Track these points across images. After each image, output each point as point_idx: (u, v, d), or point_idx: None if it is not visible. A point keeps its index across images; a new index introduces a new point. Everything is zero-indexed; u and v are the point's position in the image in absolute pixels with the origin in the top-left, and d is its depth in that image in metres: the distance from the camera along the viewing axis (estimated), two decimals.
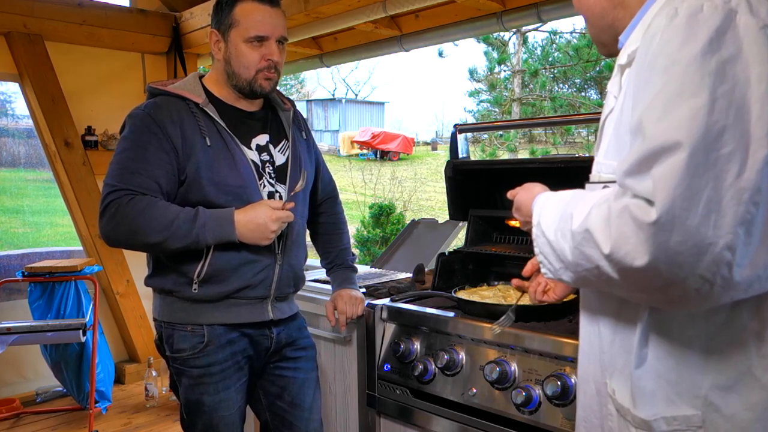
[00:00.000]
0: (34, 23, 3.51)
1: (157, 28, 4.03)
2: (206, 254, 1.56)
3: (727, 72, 0.74)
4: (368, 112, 25.12)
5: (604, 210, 0.81)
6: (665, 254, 0.73)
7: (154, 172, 1.51)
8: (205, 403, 1.61)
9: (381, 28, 3.50)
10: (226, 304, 1.61)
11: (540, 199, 1.01)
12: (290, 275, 1.70)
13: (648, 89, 0.79)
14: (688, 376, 0.86)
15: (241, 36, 1.56)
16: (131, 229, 1.48)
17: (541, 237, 0.95)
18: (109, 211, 1.49)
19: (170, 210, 1.50)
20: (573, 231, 0.86)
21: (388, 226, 8.87)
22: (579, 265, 0.86)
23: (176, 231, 1.48)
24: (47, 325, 3.02)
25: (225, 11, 1.58)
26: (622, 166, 0.80)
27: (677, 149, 0.73)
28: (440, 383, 1.66)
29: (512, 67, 14.32)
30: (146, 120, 1.54)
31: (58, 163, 3.70)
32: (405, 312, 1.81)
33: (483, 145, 13.94)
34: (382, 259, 2.70)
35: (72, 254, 4.11)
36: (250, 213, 1.52)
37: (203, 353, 1.59)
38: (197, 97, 1.59)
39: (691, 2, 0.78)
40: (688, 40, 0.76)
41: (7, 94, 4.27)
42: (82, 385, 3.31)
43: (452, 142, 2.20)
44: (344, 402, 2.01)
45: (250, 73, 1.59)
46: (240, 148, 1.60)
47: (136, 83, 4.12)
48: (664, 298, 0.79)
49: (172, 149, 1.53)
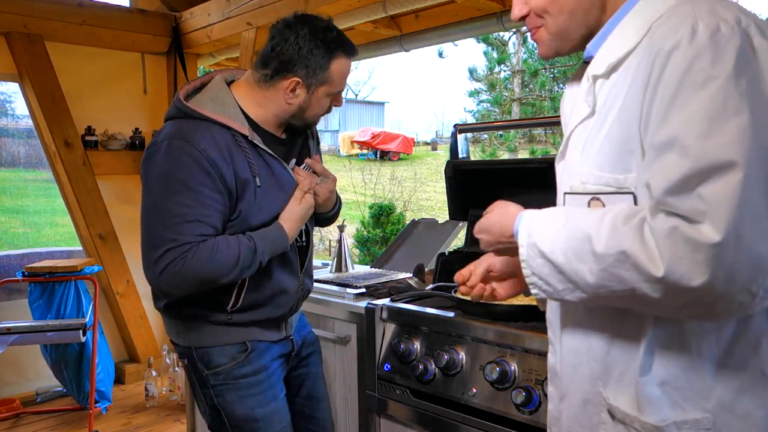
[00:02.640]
0: (34, 23, 3.51)
1: (157, 28, 4.03)
2: (242, 283, 1.53)
3: (755, 91, 0.76)
4: (368, 112, 25.14)
5: (640, 231, 0.79)
6: (725, 273, 0.73)
7: (212, 218, 1.42)
8: (258, 418, 1.56)
9: (381, 28, 3.50)
10: (255, 327, 1.60)
11: (525, 218, 0.97)
12: (306, 293, 1.74)
13: (678, 105, 0.78)
14: (698, 382, 0.86)
15: (329, 91, 1.54)
16: (201, 279, 1.42)
17: (537, 258, 0.91)
18: (172, 269, 1.38)
19: (231, 248, 1.43)
20: (599, 253, 0.82)
21: (388, 226, 8.87)
22: (604, 287, 0.83)
23: (243, 266, 1.44)
24: (47, 325, 3.03)
25: (320, 63, 1.48)
26: (661, 184, 0.78)
27: (732, 168, 0.73)
28: (440, 383, 1.66)
29: (512, 67, 14.33)
30: (197, 157, 1.39)
31: (58, 163, 3.70)
32: (405, 312, 1.81)
33: (483, 145, 13.95)
34: (382, 259, 2.70)
35: (72, 254, 4.11)
36: (293, 216, 1.54)
37: (247, 361, 1.56)
38: (243, 127, 1.48)
39: (708, 21, 0.78)
40: (719, 59, 0.76)
41: (7, 94, 4.27)
42: (82, 385, 3.31)
43: (452, 142, 2.21)
44: (344, 402, 2.01)
45: (317, 120, 1.60)
46: (287, 170, 1.57)
47: (136, 83, 4.13)
48: (706, 311, 0.78)
49: (225, 190, 1.43)
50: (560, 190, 1.02)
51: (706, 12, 0.80)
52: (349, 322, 1.92)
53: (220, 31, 3.69)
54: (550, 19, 0.97)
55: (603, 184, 0.90)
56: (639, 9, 0.91)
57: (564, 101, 1.10)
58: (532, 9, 0.98)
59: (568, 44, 0.99)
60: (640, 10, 0.90)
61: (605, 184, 0.89)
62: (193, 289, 1.45)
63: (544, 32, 0.99)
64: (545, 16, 0.97)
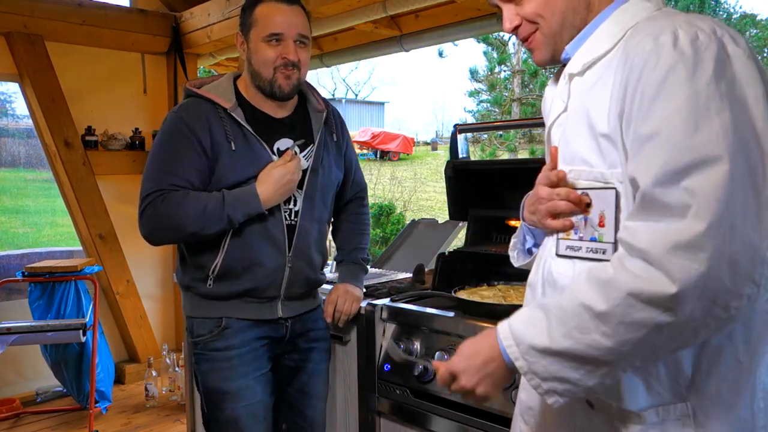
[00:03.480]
0: (34, 23, 3.51)
1: (157, 28, 4.03)
2: (222, 249, 1.64)
3: (732, 93, 0.80)
4: (368, 112, 25.15)
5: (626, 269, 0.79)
6: (727, 263, 0.75)
7: (185, 171, 1.60)
8: (225, 390, 1.66)
9: (381, 28, 3.50)
10: (237, 302, 1.68)
11: (503, 327, 0.91)
12: (301, 278, 1.73)
13: (662, 100, 0.81)
14: (675, 370, 0.88)
15: (260, 35, 1.62)
16: (169, 225, 1.58)
17: (540, 360, 0.86)
18: (147, 213, 1.59)
19: (200, 199, 1.58)
20: (604, 311, 0.80)
21: (388, 226, 8.88)
22: (625, 342, 0.80)
23: (209, 217, 1.57)
24: (47, 325, 3.02)
25: (247, 13, 1.66)
26: (648, 176, 0.79)
27: (717, 161, 0.76)
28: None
29: (512, 67, 14.34)
30: (178, 123, 1.62)
31: (58, 163, 3.70)
32: (405, 312, 1.81)
33: (483, 145, 13.95)
34: (382, 259, 2.70)
35: (72, 254, 4.11)
36: (270, 179, 1.60)
37: (221, 336, 1.67)
38: (226, 101, 1.65)
39: (687, 29, 0.83)
40: (699, 63, 0.80)
41: (7, 94, 4.28)
42: (82, 385, 3.31)
43: (452, 142, 2.21)
44: (344, 402, 2.01)
45: (268, 71, 1.63)
46: (266, 149, 1.66)
47: (136, 83, 4.13)
48: (728, 317, 0.78)
49: (202, 151, 1.61)
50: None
51: (685, 22, 0.85)
52: (349, 322, 1.92)
53: (220, 31, 3.69)
54: (544, 22, 0.99)
55: (592, 179, 0.92)
56: (617, 15, 0.95)
57: (544, 101, 1.14)
58: (525, 17, 1.00)
59: (560, 47, 1.01)
60: (619, 16, 0.95)
61: (594, 178, 0.92)
62: (166, 235, 1.64)
63: (539, 36, 1.01)
64: (539, 21, 0.99)
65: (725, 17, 14.03)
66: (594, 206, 0.93)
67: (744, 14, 14.27)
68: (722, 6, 14.71)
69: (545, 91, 1.15)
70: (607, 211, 0.91)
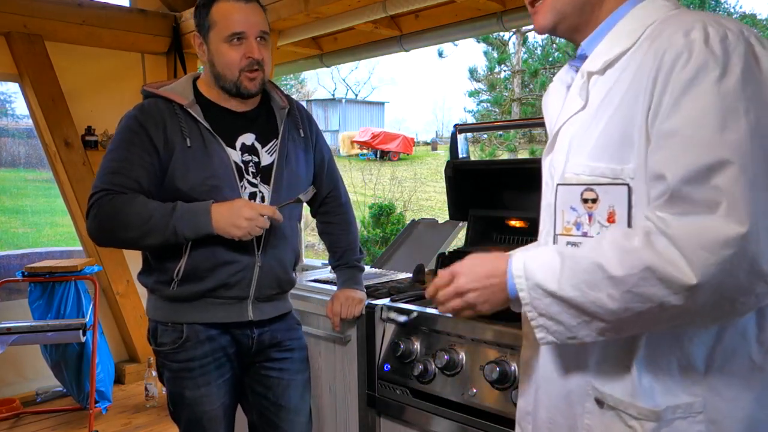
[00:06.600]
0: (34, 23, 3.51)
1: (157, 28, 4.03)
2: (185, 252, 1.59)
3: (758, 95, 0.81)
4: (368, 112, 25.12)
5: (651, 245, 0.81)
6: (748, 264, 0.77)
7: (134, 172, 1.55)
8: (187, 397, 1.65)
9: (381, 28, 3.50)
10: (203, 303, 1.62)
11: (518, 260, 0.94)
12: (272, 277, 1.68)
13: (692, 97, 0.81)
14: (689, 368, 0.89)
15: (221, 36, 1.57)
16: (112, 226, 1.53)
17: (543, 298, 0.90)
18: (92, 212, 1.54)
19: (149, 206, 1.52)
20: (618, 276, 0.83)
21: (388, 226, 8.88)
22: (628, 309, 0.83)
23: (154, 225, 1.51)
24: (47, 325, 3.02)
25: (203, 14, 1.60)
26: (677, 172, 0.80)
27: (744, 162, 0.77)
28: (440, 383, 1.66)
29: (512, 67, 14.34)
30: (131, 122, 1.59)
31: (58, 163, 3.70)
32: (405, 312, 1.81)
33: (483, 145, 13.96)
34: (382, 259, 2.70)
35: (72, 254, 4.11)
36: (230, 205, 1.53)
37: (182, 348, 1.63)
38: (183, 99, 1.61)
39: (716, 27, 0.84)
40: (728, 63, 0.81)
41: (7, 94, 4.27)
42: (82, 385, 3.31)
43: (452, 142, 2.21)
44: (344, 402, 2.01)
45: (233, 74, 1.59)
46: (222, 148, 1.60)
47: (136, 83, 4.12)
48: (730, 309, 0.81)
49: (153, 150, 1.56)
50: (549, 183, 1.04)
51: (713, 20, 0.85)
52: (349, 322, 1.92)
53: None
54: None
55: (598, 174, 0.92)
56: (635, 13, 0.95)
57: (548, 99, 1.13)
58: None
59: (563, 23, 1.00)
60: (636, 14, 0.95)
61: (600, 174, 0.91)
62: (108, 236, 1.57)
63: (549, 1, 0.99)
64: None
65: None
66: (601, 201, 0.92)
67: (744, 14, 14.28)
68: (722, 6, 14.72)
69: (548, 90, 1.14)
70: (618, 206, 0.90)
